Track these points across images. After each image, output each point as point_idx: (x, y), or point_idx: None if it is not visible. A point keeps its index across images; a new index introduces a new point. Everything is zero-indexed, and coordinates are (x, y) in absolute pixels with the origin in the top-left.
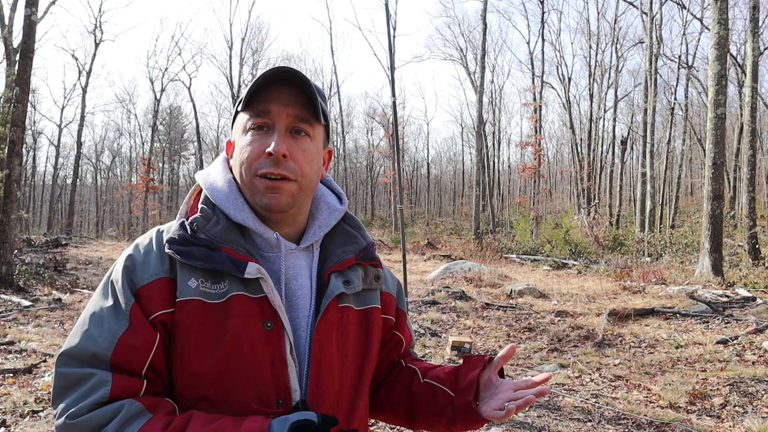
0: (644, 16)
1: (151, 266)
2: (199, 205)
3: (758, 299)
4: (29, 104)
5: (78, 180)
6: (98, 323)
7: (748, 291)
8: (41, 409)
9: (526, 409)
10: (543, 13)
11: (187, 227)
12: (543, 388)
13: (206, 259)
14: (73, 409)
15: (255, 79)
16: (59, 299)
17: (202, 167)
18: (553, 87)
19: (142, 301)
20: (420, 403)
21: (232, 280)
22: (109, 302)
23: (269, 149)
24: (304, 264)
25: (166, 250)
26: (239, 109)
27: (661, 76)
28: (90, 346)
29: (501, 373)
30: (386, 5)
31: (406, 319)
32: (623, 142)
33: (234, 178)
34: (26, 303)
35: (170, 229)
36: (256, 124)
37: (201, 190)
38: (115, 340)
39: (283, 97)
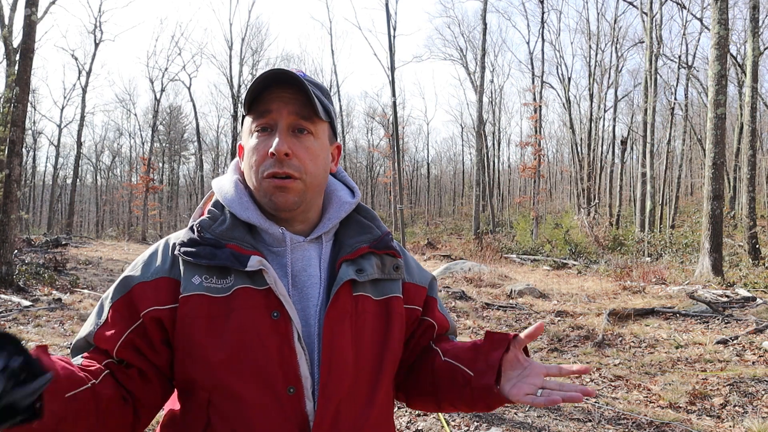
0: (644, 16)
1: (153, 267)
2: (209, 208)
3: (758, 299)
4: (29, 104)
5: (78, 180)
6: (91, 317)
7: (748, 291)
8: None
9: (526, 408)
10: (543, 13)
11: (195, 229)
12: (588, 389)
13: (210, 257)
14: None
15: (252, 81)
16: (59, 299)
17: (201, 167)
18: (553, 87)
19: (135, 296)
20: (441, 384)
21: (238, 275)
22: (105, 298)
23: (271, 149)
24: (314, 255)
25: (175, 253)
26: (244, 113)
27: (661, 76)
28: (84, 335)
29: (526, 351)
30: (386, 5)
31: (437, 305)
32: (623, 142)
33: (240, 179)
34: (26, 303)
35: (178, 235)
36: (259, 125)
37: (213, 196)
38: (94, 332)
39: (283, 97)
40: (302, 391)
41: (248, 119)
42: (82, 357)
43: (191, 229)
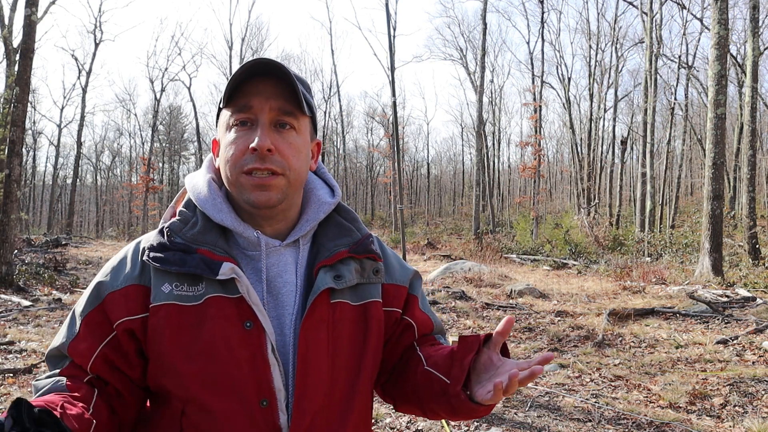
0: (644, 16)
1: (122, 274)
2: (179, 209)
3: (758, 299)
4: (29, 104)
5: (78, 180)
6: (64, 327)
7: (748, 291)
8: None
9: (526, 408)
10: (543, 13)
11: (164, 233)
12: (535, 368)
13: (180, 264)
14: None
15: (234, 73)
16: (59, 299)
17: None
18: (553, 87)
19: (107, 307)
20: (422, 393)
21: (209, 282)
22: (77, 308)
23: (253, 144)
24: (290, 260)
25: (143, 258)
26: (221, 105)
27: (661, 76)
28: (57, 345)
29: (505, 352)
30: (386, 5)
31: (418, 303)
32: (623, 142)
33: (214, 178)
34: (26, 303)
35: (149, 238)
36: (238, 119)
37: (186, 194)
38: (67, 345)
39: (265, 90)
40: (276, 403)
41: (226, 112)
42: (62, 374)
43: (161, 232)
